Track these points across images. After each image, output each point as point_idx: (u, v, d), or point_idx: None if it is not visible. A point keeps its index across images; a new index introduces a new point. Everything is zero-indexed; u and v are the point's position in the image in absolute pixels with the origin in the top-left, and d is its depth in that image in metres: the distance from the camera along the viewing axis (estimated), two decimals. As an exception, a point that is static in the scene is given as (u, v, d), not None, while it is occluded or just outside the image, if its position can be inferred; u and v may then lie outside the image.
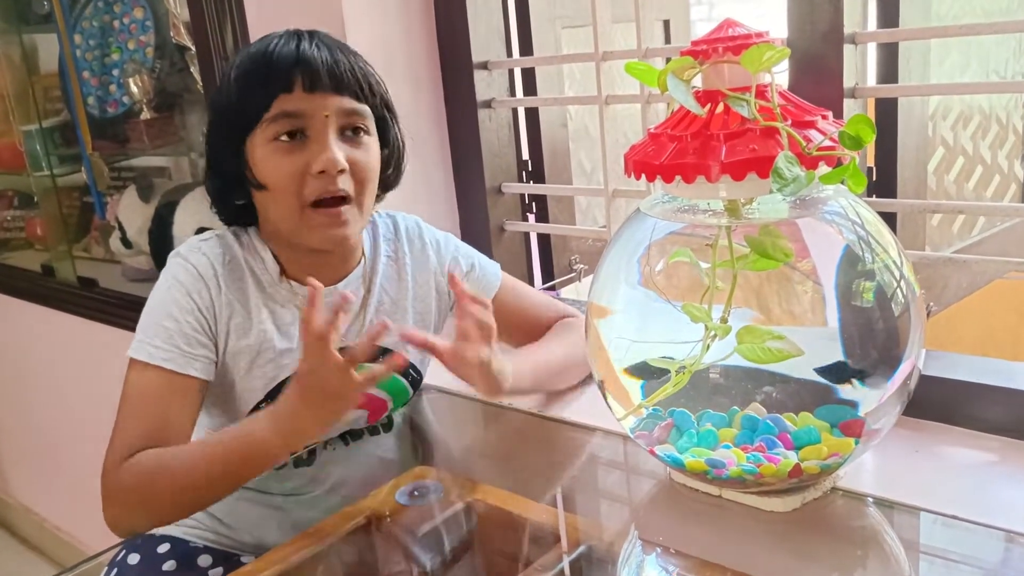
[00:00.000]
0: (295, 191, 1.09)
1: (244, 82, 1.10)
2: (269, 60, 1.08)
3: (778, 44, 0.87)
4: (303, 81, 1.07)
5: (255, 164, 1.11)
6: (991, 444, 1.08)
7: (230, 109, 1.12)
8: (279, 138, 1.09)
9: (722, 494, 1.01)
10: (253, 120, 1.09)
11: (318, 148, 1.08)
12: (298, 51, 1.08)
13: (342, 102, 1.09)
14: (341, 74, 1.09)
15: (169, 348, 1.10)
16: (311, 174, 1.08)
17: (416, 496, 1.09)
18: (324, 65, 1.08)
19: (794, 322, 0.95)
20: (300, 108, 1.08)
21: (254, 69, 1.09)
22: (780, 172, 0.82)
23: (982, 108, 1.94)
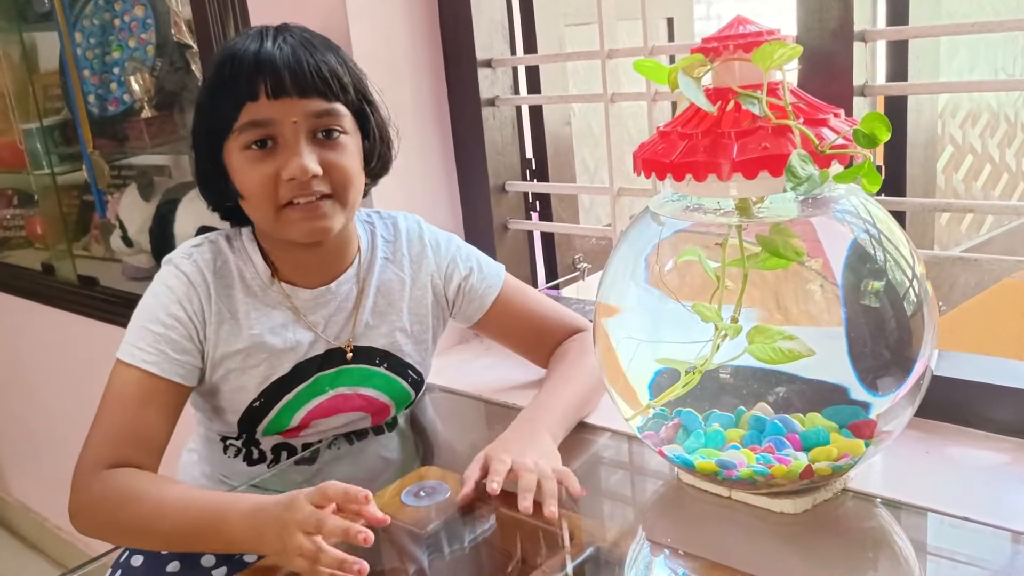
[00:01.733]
0: (269, 197, 1.09)
1: (213, 90, 1.09)
2: (233, 67, 1.07)
3: (789, 41, 0.87)
4: (266, 88, 1.06)
5: (232, 172, 1.11)
6: (1003, 445, 1.07)
7: (204, 117, 1.11)
8: (250, 147, 1.08)
9: (731, 495, 1.00)
10: (225, 129, 1.08)
11: (288, 155, 1.07)
12: (259, 54, 1.06)
13: (309, 105, 1.08)
14: (305, 76, 1.07)
15: (154, 352, 1.11)
16: (283, 180, 1.08)
17: (422, 496, 1.08)
18: (287, 68, 1.06)
19: (806, 322, 0.94)
20: (267, 116, 1.06)
21: (220, 76, 1.08)
22: (794, 171, 0.81)
23: (990, 106, 1.93)
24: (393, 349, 1.25)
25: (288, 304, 1.18)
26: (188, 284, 1.14)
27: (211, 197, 1.18)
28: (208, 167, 1.13)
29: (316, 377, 1.20)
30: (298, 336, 1.19)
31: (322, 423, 1.24)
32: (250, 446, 1.24)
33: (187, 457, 1.37)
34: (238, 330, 1.16)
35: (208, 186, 1.16)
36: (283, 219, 1.10)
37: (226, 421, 1.21)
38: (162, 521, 1.01)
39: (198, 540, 1.00)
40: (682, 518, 1.02)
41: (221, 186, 1.14)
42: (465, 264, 1.29)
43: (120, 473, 1.06)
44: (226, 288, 1.16)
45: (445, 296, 1.29)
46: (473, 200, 1.65)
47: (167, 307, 1.13)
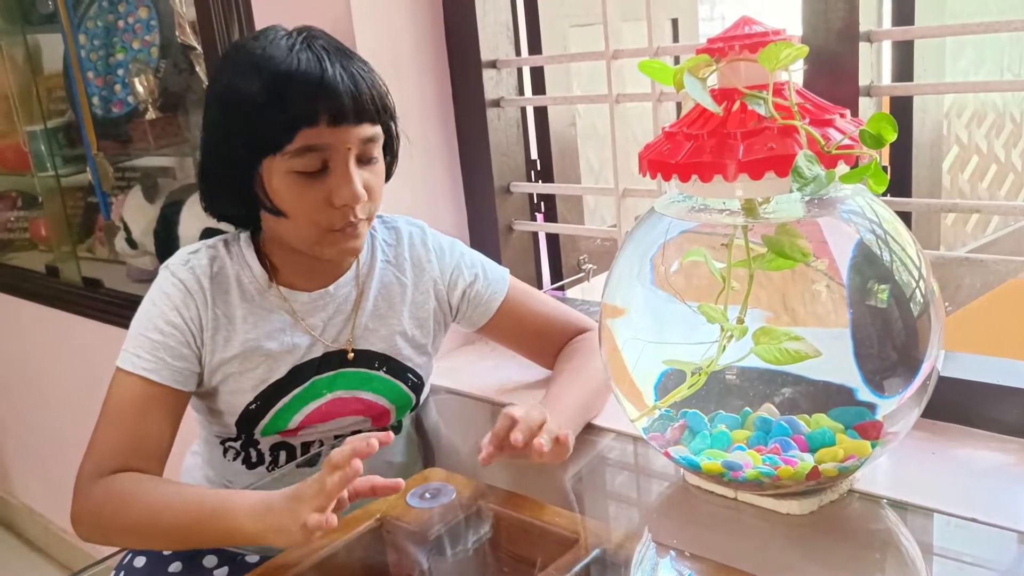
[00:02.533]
0: (315, 220, 1.08)
1: (264, 108, 1.04)
2: (289, 88, 1.03)
3: (794, 42, 0.86)
4: (327, 116, 1.03)
5: (272, 190, 1.08)
6: (1009, 446, 1.07)
7: (244, 132, 1.06)
8: (298, 170, 1.06)
9: (738, 496, 1.00)
10: (273, 149, 1.05)
11: (340, 181, 1.06)
12: (322, 80, 1.03)
13: (362, 131, 1.07)
14: (364, 103, 1.05)
15: (153, 359, 1.11)
16: (332, 205, 1.07)
17: (427, 498, 1.08)
18: (348, 96, 1.04)
19: (812, 322, 0.93)
20: (324, 142, 1.05)
21: (273, 95, 1.03)
22: (800, 171, 0.81)
23: (996, 106, 1.93)
24: (392, 352, 1.25)
25: (286, 307, 1.18)
26: (185, 291, 1.14)
27: (224, 207, 1.16)
28: (232, 179, 1.10)
29: (313, 380, 1.20)
30: (296, 339, 1.18)
31: (320, 427, 1.23)
32: (248, 447, 1.24)
33: (191, 460, 1.37)
34: (235, 335, 1.16)
35: (225, 196, 1.14)
36: (325, 241, 1.10)
37: (224, 423, 1.21)
38: (164, 517, 1.01)
39: (201, 533, 1.00)
40: (688, 519, 1.01)
41: (241, 200, 1.11)
42: (469, 271, 1.29)
43: (119, 477, 1.06)
44: (223, 294, 1.16)
45: (449, 303, 1.29)
46: (478, 201, 1.65)
47: (164, 314, 1.13)
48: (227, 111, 1.08)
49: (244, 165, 1.08)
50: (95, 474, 1.07)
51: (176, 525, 1.01)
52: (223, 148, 1.09)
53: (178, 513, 1.01)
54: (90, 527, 1.06)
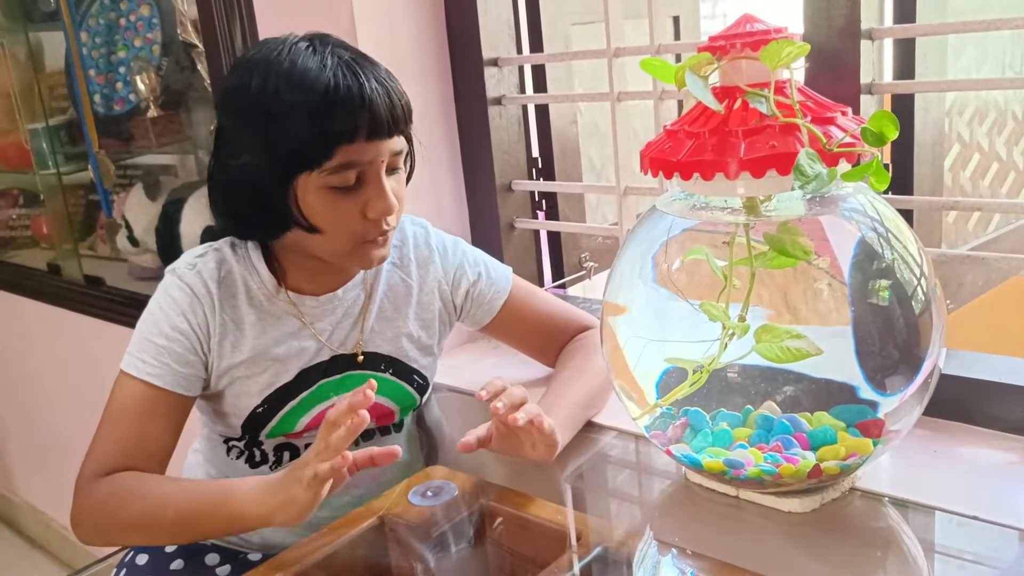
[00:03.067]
0: (351, 234, 1.08)
1: (302, 126, 1.01)
2: (333, 106, 1.00)
3: (796, 40, 0.86)
4: (367, 131, 1.02)
5: (306, 206, 1.06)
6: (1011, 444, 1.06)
7: (281, 148, 1.03)
8: (334, 186, 1.04)
9: (739, 494, 1.00)
10: (311, 165, 1.03)
11: (373, 193, 1.05)
12: (362, 95, 1.01)
13: (394, 144, 1.06)
14: (398, 116, 1.05)
15: (158, 364, 1.11)
16: (366, 217, 1.07)
17: (429, 496, 1.08)
18: (386, 110, 1.03)
19: (813, 320, 0.93)
20: (362, 158, 1.03)
21: (316, 114, 1.00)
22: (802, 169, 0.81)
23: (998, 104, 1.93)
24: (399, 355, 1.24)
25: (294, 312, 1.18)
26: (192, 296, 1.13)
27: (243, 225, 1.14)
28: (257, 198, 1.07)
29: (320, 384, 1.20)
30: (304, 344, 1.18)
31: (325, 429, 1.23)
32: (252, 447, 1.24)
33: (192, 458, 1.36)
34: (243, 340, 1.15)
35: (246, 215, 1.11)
36: (357, 252, 1.10)
37: (229, 424, 1.20)
38: (167, 511, 1.01)
39: (205, 524, 1.01)
40: (690, 518, 1.01)
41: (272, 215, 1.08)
42: (473, 270, 1.29)
43: (122, 475, 1.06)
44: (231, 299, 1.15)
45: (453, 302, 1.29)
46: (479, 199, 1.65)
47: (171, 319, 1.12)
48: (257, 131, 1.04)
49: (277, 183, 1.05)
50: (96, 476, 1.07)
51: (179, 518, 1.01)
52: (251, 168, 1.06)
53: (181, 507, 1.01)
54: (91, 527, 1.06)
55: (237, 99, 1.06)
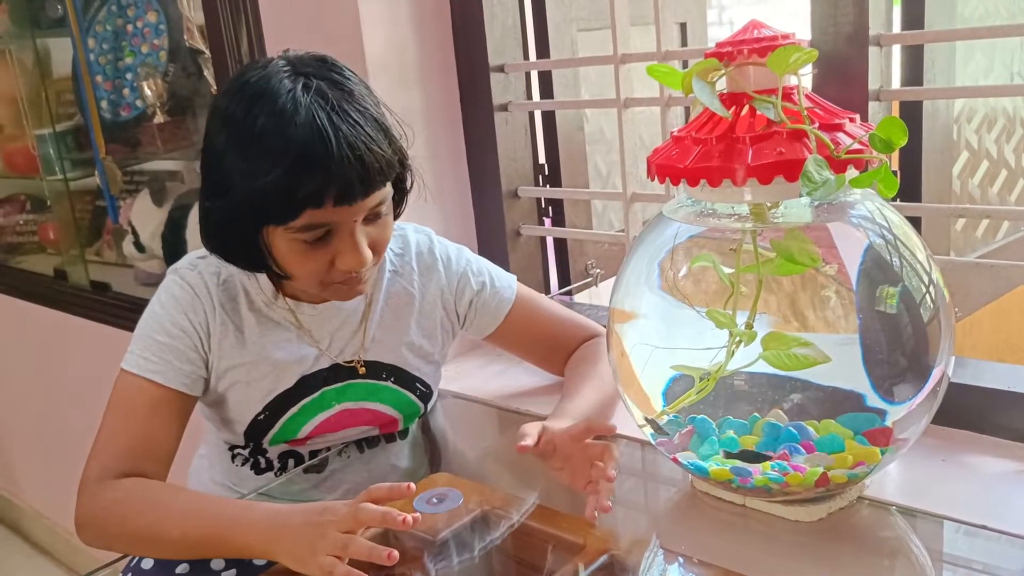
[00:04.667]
0: (320, 279, 1.07)
1: (268, 186, 0.98)
2: (298, 170, 0.97)
3: (804, 46, 0.86)
4: (335, 196, 0.98)
5: (275, 251, 1.05)
6: (1020, 453, 1.06)
7: (249, 202, 1.01)
8: (304, 240, 1.03)
9: (746, 503, 0.99)
10: (276, 223, 1.01)
11: (344, 247, 1.03)
12: (328, 163, 0.96)
13: (370, 201, 1.02)
14: (372, 177, 1.00)
15: (160, 361, 1.11)
16: (337, 268, 1.05)
17: (434, 504, 1.08)
18: (356, 177, 0.98)
19: (821, 328, 0.93)
20: (330, 220, 1.01)
21: (283, 175, 0.97)
22: (810, 175, 0.81)
23: (1006, 111, 1.92)
24: (401, 363, 1.24)
25: (292, 320, 1.18)
26: (193, 295, 1.14)
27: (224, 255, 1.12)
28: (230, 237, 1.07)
29: (322, 391, 1.20)
30: (303, 351, 1.18)
31: (328, 437, 1.23)
32: (257, 455, 1.23)
33: (197, 463, 1.36)
34: (242, 343, 1.15)
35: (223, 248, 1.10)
36: (329, 291, 1.10)
37: (233, 431, 1.20)
38: (172, 531, 1.00)
39: (208, 548, 1.00)
40: (696, 526, 1.01)
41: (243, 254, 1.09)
42: (476, 279, 1.28)
43: (127, 482, 1.05)
44: (231, 301, 1.16)
45: (456, 311, 1.28)
46: (486, 206, 1.65)
47: (172, 317, 1.12)
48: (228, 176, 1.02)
49: (247, 228, 1.05)
50: (100, 477, 1.06)
51: (184, 540, 1.00)
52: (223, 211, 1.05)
53: (187, 529, 1.00)
54: (94, 533, 1.05)
55: (214, 142, 1.04)
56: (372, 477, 1.20)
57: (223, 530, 0.98)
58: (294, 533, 0.94)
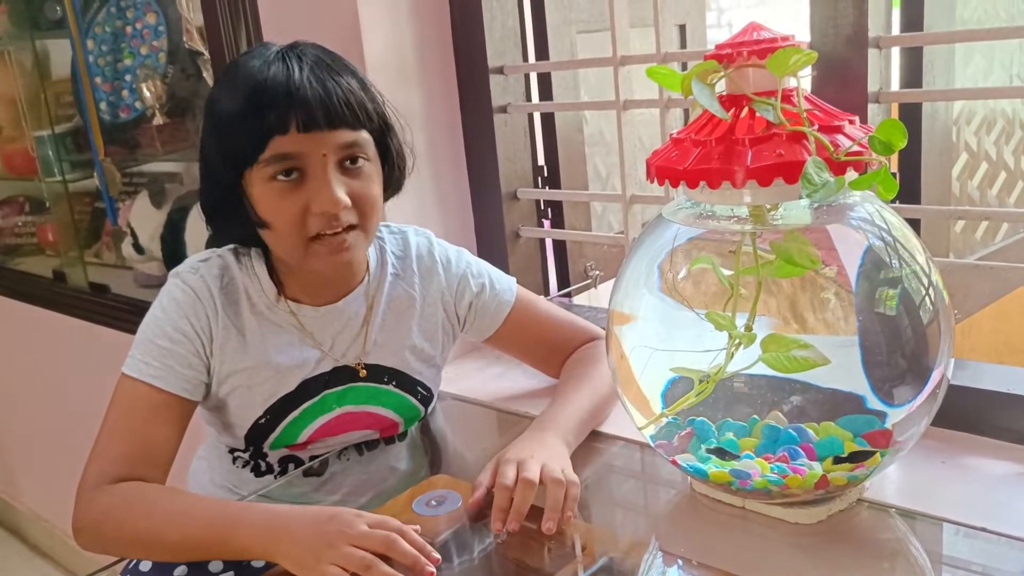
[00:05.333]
0: (297, 229, 1.07)
1: (235, 120, 1.05)
2: (260, 98, 1.03)
3: (803, 48, 0.86)
4: (298, 122, 1.02)
5: (254, 201, 1.08)
6: (1020, 455, 1.06)
7: (223, 144, 1.07)
8: (276, 177, 1.05)
9: (746, 505, 0.99)
10: (248, 160, 1.05)
11: (317, 187, 1.05)
12: (289, 87, 1.02)
13: (339, 137, 1.05)
14: (335, 108, 1.04)
15: (161, 366, 1.10)
16: (313, 213, 1.06)
17: (432, 506, 1.08)
18: (317, 101, 1.03)
19: (820, 330, 0.93)
20: (296, 150, 1.04)
21: (244, 106, 1.04)
22: (809, 177, 0.81)
23: (1005, 113, 1.93)
24: (402, 367, 1.24)
25: (294, 322, 1.18)
26: (195, 299, 1.13)
27: (220, 225, 1.15)
28: (222, 194, 1.10)
29: (323, 395, 1.19)
30: (305, 354, 1.18)
31: (329, 440, 1.23)
32: (257, 459, 1.23)
33: (197, 465, 1.36)
34: (244, 347, 1.15)
35: (219, 214, 1.13)
36: (311, 252, 1.09)
37: (234, 435, 1.20)
38: (171, 534, 1.00)
39: (208, 549, 0.99)
40: (695, 528, 1.01)
41: (235, 214, 1.10)
42: (476, 281, 1.28)
43: (125, 487, 1.05)
44: (233, 304, 1.15)
45: (456, 314, 1.28)
46: (485, 207, 1.65)
47: (174, 321, 1.12)
48: (209, 126, 1.10)
49: (228, 178, 1.08)
50: (99, 482, 1.06)
51: (183, 542, 0.99)
52: (209, 164, 1.10)
53: (186, 531, 0.99)
54: (92, 537, 1.05)
55: (206, 102, 1.11)
56: (372, 479, 1.20)
57: (222, 531, 0.98)
58: (297, 537, 0.93)
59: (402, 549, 0.91)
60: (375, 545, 0.91)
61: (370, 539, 0.91)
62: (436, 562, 0.93)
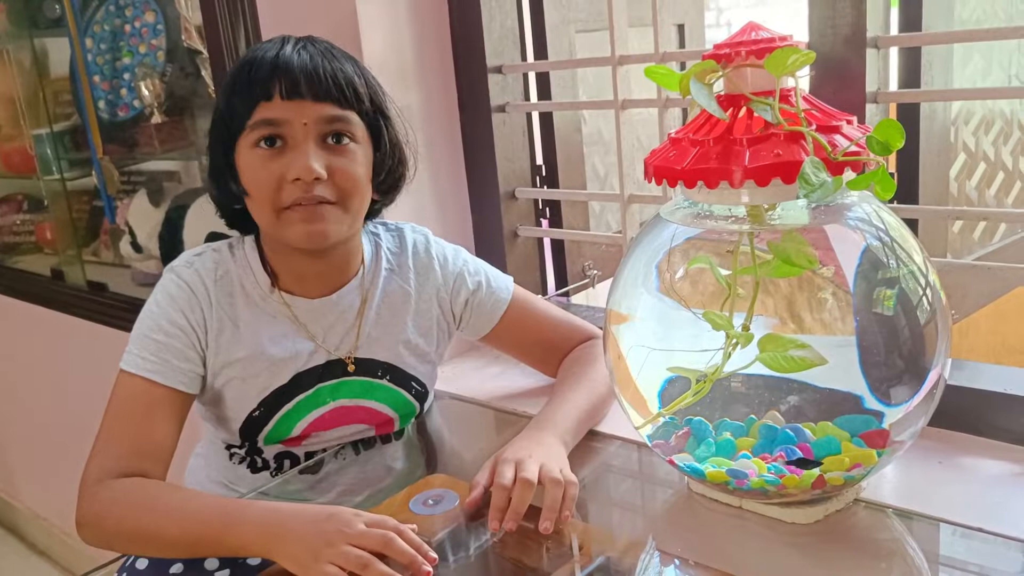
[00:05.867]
0: (271, 197, 1.09)
1: (230, 89, 1.10)
2: (251, 67, 1.08)
3: (801, 48, 0.86)
4: (281, 89, 1.07)
5: (240, 171, 1.11)
6: (1017, 455, 1.06)
7: (220, 115, 1.12)
8: (259, 144, 1.08)
9: (742, 505, 0.99)
10: (238, 127, 1.09)
11: (294, 156, 1.08)
12: (277, 58, 1.07)
13: (322, 109, 1.08)
14: (321, 80, 1.07)
15: (158, 360, 1.11)
16: (287, 181, 1.08)
17: (429, 505, 1.08)
18: (303, 72, 1.07)
19: (818, 330, 0.93)
20: (279, 116, 1.07)
21: (238, 76, 1.09)
22: (807, 178, 0.81)
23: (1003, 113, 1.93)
24: (396, 361, 1.24)
25: (288, 314, 1.18)
26: (190, 292, 1.14)
27: (220, 196, 1.17)
28: (220, 165, 1.13)
29: (317, 388, 1.20)
30: (298, 346, 1.18)
31: (323, 435, 1.23)
32: (253, 455, 1.23)
33: (194, 461, 1.37)
34: (239, 339, 1.16)
35: (218, 185, 1.16)
36: (283, 220, 1.10)
37: (229, 430, 1.21)
38: (170, 529, 1.00)
39: (206, 546, 0.99)
40: (692, 528, 1.01)
41: (230, 186, 1.13)
42: (473, 279, 1.28)
43: (125, 482, 1.05)
44: (228, 296, 1.16)
45: (452, 311, 1.28)
46: (483, 207, 1.65)
47: (169, 315, 1.13)
48: (215, 105, 1.14)
49: (223, 149, 1.12)
50: (100, 477, 1.06)
51: (181, 538, 1.00)
52: (210, 139, 1.15)
53: (184, 527, 1.00)
54: (94, 532, 1.05)
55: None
56: (369, 478, 1.20)
57: (220, 528, 0.98)
58: (296, 535, 0.93)
59: (399, 548, 0.91)
60: (373, 544, 0.91)
61: (368, 538, 0.91)
62: (433, 561, 0.93)
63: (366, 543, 0.91)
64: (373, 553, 0.90)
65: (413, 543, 0.93)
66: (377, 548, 0.91)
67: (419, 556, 0.92)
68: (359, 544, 0.91)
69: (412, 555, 0.92)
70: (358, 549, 0.90)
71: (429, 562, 0.92)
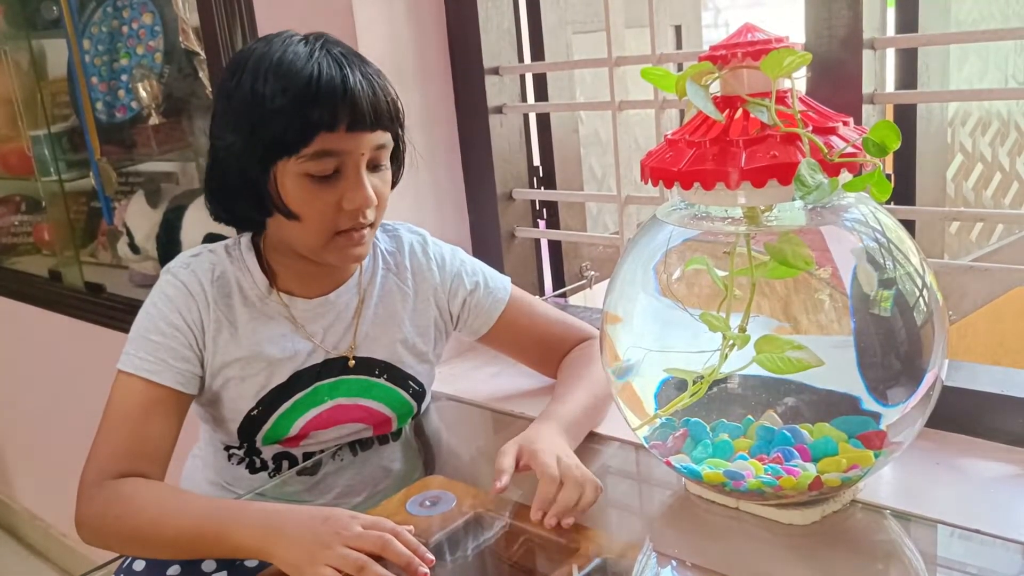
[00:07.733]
0: (327, 224, 1.09)
1: (283, 111, 1.03)
2: (312, 93, 1.03)
3: (797, 49, 0.86)
4: (347, 121, 1.04)
5: (284, 192, 1.08)
6: (1014, 456, 1.06)
7: (263, 131, 1.05)
8: (313, 172, 1.06)
9: (739, 506, 0.99)
10: (288, 151, 1.05)
11: (351, 185, 1.07)
12: (344, 87, 1.03)
13: (376, 138, 1.08)
14: (381, 111, 1.07)
15: (155, 361, 1.11)
16: (342, 209, 1.08)
17: (427, 506, 1.08)
18: (368, 103, 1.05)
19: (814, 331, 0.93)
20: (341, 148, 1.05)
21: (294, 99, 1.03)
22: (803, 179, 0.81)
23: (1000, 114, 1.93)
24: (394, 360, 1.24)
25: (286, 314, 1.18)
26: (187, 293, 1.14)
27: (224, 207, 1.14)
28: (237, 179, 1.09)
29: (315, 386, 1.20)
30: (297, 346, 1.18)
31: (321, 434, 1.23)
32: (251, 455, 1.23)
33: (192, 463, 1.37)
34: (236, 339, 1.16)
35: (227, 197, 1.13)
36: (332, 245, 1.10)
37: (227, 430, 1.21)
38: (167, 530, 1.00)
39: (203, 547, 1.00)
40: (689, 529, 1.01)
41: (244, 199, 1.10)
42: (470, 279, 1.28)
43: (125, 482, 1.06)
44: (225, 297, 1.16)
45: (449, 311, 1.29)
46: (480, 208, 1.65)
47: (166, 316, 1.13)
48: (243, 113, 1.07)
49: (258, 166, 1.07)
50: (99, 477, 1.06)
51: (178, 539, 1.00)
52: (236, 149, 1.08)
53: (182, 528, 1.00)
54: (92, 532, 1.06)
55: (228, 83, 1.09)
56: (366, 479, 1.20)
57: (218, 529, 0.98)
58: (292, 537, 0.94)
59: (396, 550, 0.92)
60: (369, 546, 0.91)
61: (364, 540, 0.92)
62: (430, 563, 0.93)
63: (363, 545, 0.91)
64: (370, 555, 0.91)
65: (410, 544, 0.93)
66: (374, 550, 0.91)
67: (416, 558, 0.92)
68: (355, 546, 0.91)
69: (409, 557, 0.92)
70: (355, 551, 0.91)
71: (426, 563, 0.92)
